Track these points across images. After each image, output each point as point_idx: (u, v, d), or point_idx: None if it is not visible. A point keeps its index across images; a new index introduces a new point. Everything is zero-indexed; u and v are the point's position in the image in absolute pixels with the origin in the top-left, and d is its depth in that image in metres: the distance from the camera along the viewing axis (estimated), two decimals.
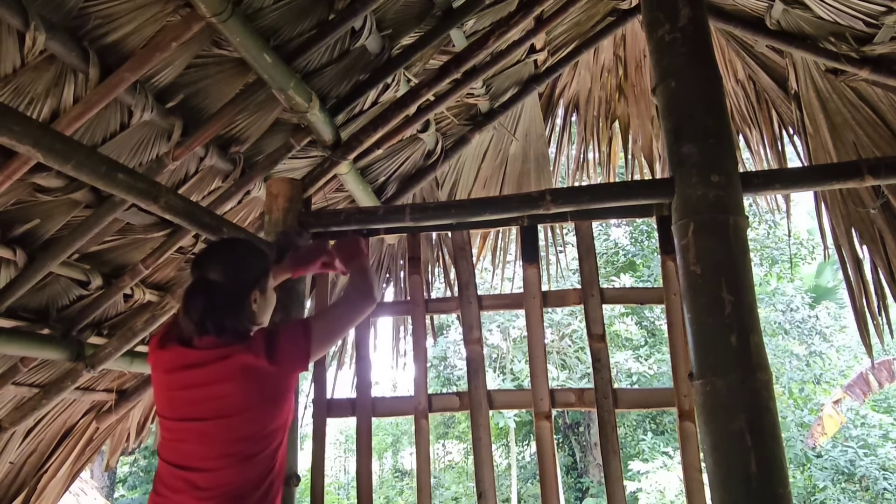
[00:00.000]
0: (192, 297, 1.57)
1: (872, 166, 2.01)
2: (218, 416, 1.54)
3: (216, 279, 1.60)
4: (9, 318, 2.38)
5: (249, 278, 1.65)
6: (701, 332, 1.84)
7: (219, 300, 1.58)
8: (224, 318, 1.58)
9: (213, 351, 1.55)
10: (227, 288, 1.60)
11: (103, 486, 11.27)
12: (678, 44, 2.05)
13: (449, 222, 2.31)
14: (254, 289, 1.65)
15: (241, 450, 1.54)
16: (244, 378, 1.54)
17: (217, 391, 1.54)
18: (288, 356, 1.59)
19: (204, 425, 1.54)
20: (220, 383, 1.54)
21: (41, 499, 3.21)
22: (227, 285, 1.60)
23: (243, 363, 1.54)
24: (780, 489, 1.67)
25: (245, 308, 1.63)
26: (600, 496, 12.96)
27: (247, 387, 1.54)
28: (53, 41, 1.68)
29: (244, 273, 1.65)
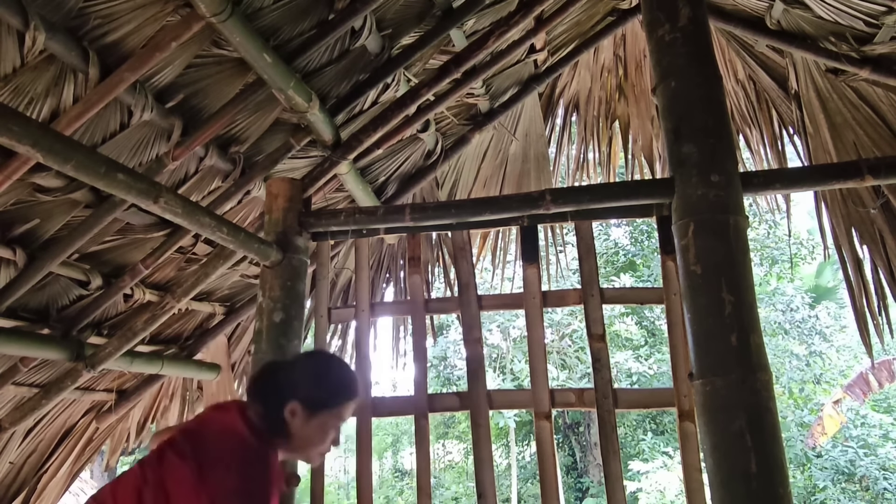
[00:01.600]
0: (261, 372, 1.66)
1: (872, 166, 2.01)
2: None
3: (277, 367, 1.67)
4: (9, 318, 2.38)
5: (294, 382, 1.60)
6: (701, 332, 1.84)
7: (261, 385, 1.62)
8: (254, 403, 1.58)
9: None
10: (272, 381, 1.62)
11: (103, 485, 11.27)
12: (678, 44, 2.05)
13: (449, 222, 2.31)
14: (292, 397, 1.56)
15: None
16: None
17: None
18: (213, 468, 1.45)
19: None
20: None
21: (41, 499, 3.21)
22: (277, 379, 1.63)
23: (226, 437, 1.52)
24: (780, 489, 1.67)
25: (275, 415, 1.56)
26: (600, 496, 12.96)
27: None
28: (53, 41, 1.68)
29: (295, 378, 1.61)
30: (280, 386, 1.59)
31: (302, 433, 1.58)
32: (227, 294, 3.39)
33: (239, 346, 3.76)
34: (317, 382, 1.61)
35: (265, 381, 1.64)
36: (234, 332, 3.68)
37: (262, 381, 1.64)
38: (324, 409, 1.59)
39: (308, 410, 1.57)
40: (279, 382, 1.60)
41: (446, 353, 14.13)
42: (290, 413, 1.55)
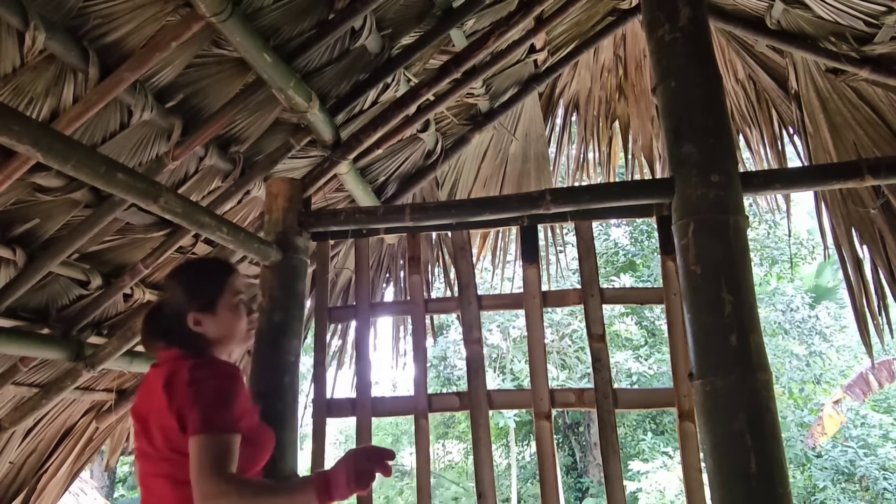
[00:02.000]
0: (147, 315, 1.69)
1: (872, 166, 2.01)
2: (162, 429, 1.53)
3: (160, 302, 1.71)
4: (9, 318, 2.37)
5: (180, 302, 1.62)
6: (701, 332, 1.84)
7: (155, 321, 1.66)
8: (159, 335, 1.64)
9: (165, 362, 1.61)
10: (162, 307, 1.67)
11: (103, 486, 11.27)
12: (678, 44, 2.05)
13: (449, 222, 2.31)
14: (188, 312, 1.60)
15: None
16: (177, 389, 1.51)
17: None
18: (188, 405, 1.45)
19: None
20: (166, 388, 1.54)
21: (41, 499, 3.21)
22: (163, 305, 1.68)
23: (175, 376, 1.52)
24: (780, 489, 1.67)
25: (185, 331, 1.60)
26: (600, 496, 12.95)
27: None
28: (53, 41, 1.68)
29: (176, 296, 1.65)
30: (168, 315, 1.63)
31: (219, 330, 1.63)
32: None
33: None
34: (191, 286, 1.65)
35: (154, 322, 1.67)
36: None
37: (150, 325, 1.67)
38: (216, 299, 1.64)
39: (206, 310, 1.62)
40: (165, 314, 1.65)
41: (446, 353, 14.13)
42: (195, 323, 1.60)
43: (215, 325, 1.63)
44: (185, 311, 1.61)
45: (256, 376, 2.12)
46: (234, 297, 1.67)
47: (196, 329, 1.61)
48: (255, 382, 2.11)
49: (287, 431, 2.07)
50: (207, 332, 1.62)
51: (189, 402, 1.44)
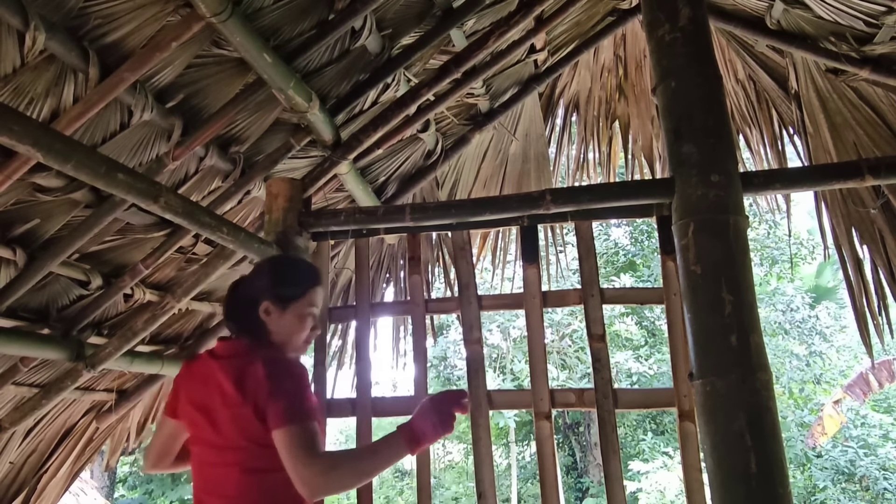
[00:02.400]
0: (231, 289, 1.74)
1: (872, 166, 2.01)
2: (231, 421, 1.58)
3: (241, 280, 1.75)
4: (9, 318, 2.37)
5: (260, 288, 1.67)
6: (701, 332, 1.84)
7: (233, 296, 1.71)
8: (231, 314, 1.69)
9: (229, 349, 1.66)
10: (242, 288, 1.72)
11: (103, 486, 11.27)
12: (678, 44, 2.05)
13: (449, 222, 2.31)
14: (264, 299, 1.64)
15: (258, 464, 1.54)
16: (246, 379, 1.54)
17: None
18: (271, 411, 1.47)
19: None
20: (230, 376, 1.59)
21: (41, 499, 3.21)
22: (242, 287, 1.72)
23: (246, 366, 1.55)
24: (780, 489, 1.67)
25: (253, 314, 1.65)
26: (600, 496, 12.96)
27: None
28: (53, 41, 1.68)
29: (259, 280, 1.69)
30: (247, 295, 1.67)
31: (281, 328, 1.65)
32: None
33: None
34: (280, 278, 1.70)
35: (232, 299, 1.71)
36: None
37: (230, 301, 1.71)
38: (293, 300, 1.67)
39: (280, 305, 1.65)
40: (245, 292, 1.68)
41: (446, 353, 14.13)
42: (265, 312, 1.64)
43: (280, 321, 1.66)
44: (261, 295, 1.65)
45: None
46: (307, 307, 1.69)
47: (263, 317, 1.64)
48: None
49: None
50: (270, 325, 1.65)
51: (269, 394, 1.47)
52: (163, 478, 13.80)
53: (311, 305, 1.70)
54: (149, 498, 13.57)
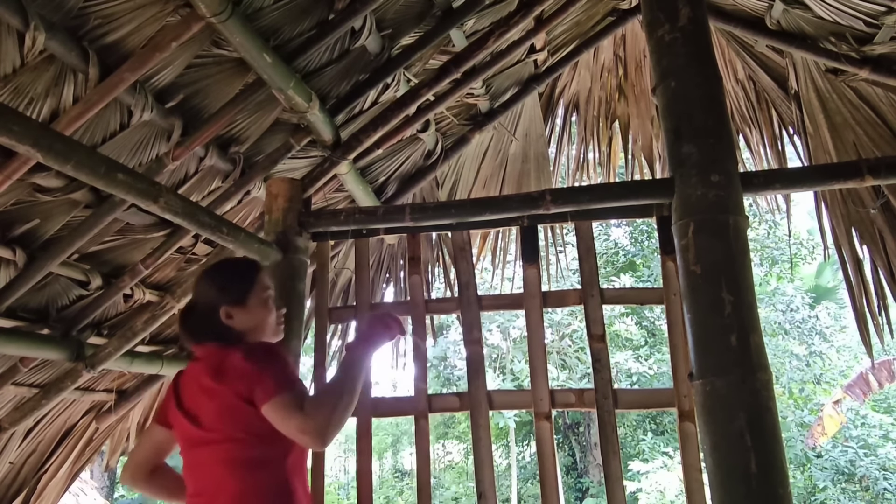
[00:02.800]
0: (180, 314, 1.75)
1: (872, 166, 2.01)
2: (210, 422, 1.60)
3: (191, 301, 1.76)
4: (9, 318, 2.37)
5: (211, 298, 1.69)
6: (701, 332, 1.84)
7: (189, 316, 1.72)
8: (198, 334, 1.69)
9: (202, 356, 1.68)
10: (195, 307, 1.72)
11: (103, 486, 11.27)
12: (678, 44, 2.05)
13: (449, 222, 2.31)
14: (220, 306, 1.66)
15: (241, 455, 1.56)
16: (232, 377, 1.57)
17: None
18: (244, 371, 1.52)
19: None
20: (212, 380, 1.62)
21: (41, 499, 3.21)
22: (195, 304, 1.73)
23: (223, 361, 1.59)
24: (780, 489, 1.67)
25: (218, 324, 1.66)
26: (600, 496, 12.96)
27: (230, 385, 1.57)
28: (53, 41, 1.68)
29: (207, 293, 1.71)
30: (202, 313, 1.69)
31: (250, 322, 1.68)
32: None
33: None
34: (224, 282, 1.72)
35: (188, 319, 1.72)
36: None
37: (186, 322, 1.72)
38: (247, 293, 1.70)
39: (237, 304, 1.67)
40: (198, 311, 1.71)
41: (446, 353, 14.13)
42: (227, 317, 1.66)
43: (246, 317, 1.68)
44: (217, 305, 1.67)
45: None
46: (263, 292, 1.73)
47: (228, 322, 1.66)
48: None
49: None
50: (238, 325, 1.67)
51: (252, 375, 1.51)
52: None
53: (266, 289, 1.74)
54: (149, 498, 13.55)
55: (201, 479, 1.58)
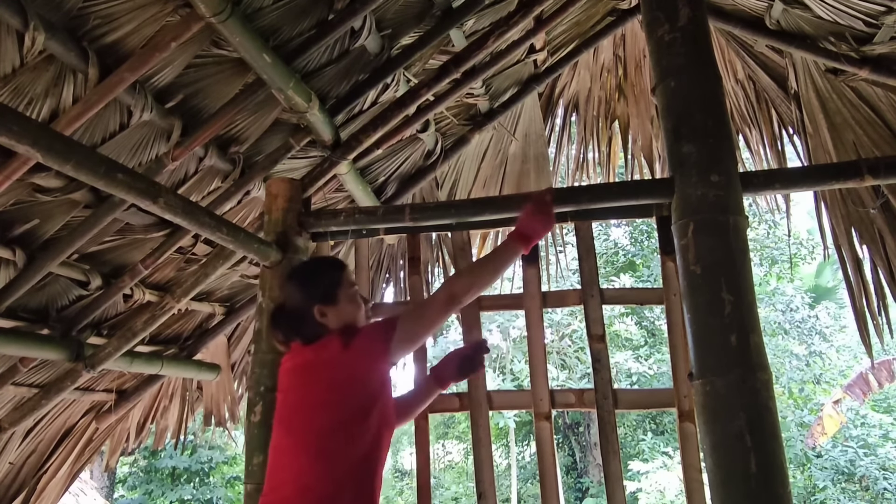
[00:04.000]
0: (271, 316, 1.88)
1: (872, 166, 2.01)
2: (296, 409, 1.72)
3: (281, 303, 1.88)
4: (8, 318, 2.38)
5: (303, 299, 1.78)
6: (701, 332, 1.84)
7: (281, 319, 1.83)
8: (290, 334, 1.79)
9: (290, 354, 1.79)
10: (286, 309, 1.83)
11: (103, 486, 11.26)
12: (678, 44, 2.05)
13: (449, 222, 2.31)
14: (313, 306, 1.75)
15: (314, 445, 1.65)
16: (321, 368, 1.70)
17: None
18: (363, 346, 1.68)
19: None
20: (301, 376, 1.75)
21: (41, 499, 3.21)
22: (286, 307, 1.84)
23: (311, 357, 1.72)
24: (780, 489, 1.67)
25: (312, 324, 1.76)
26: (600, 496, 12.96)
27: (318, 378, 1.70)
28: (53, 41, 1.68)
29: (298, 294, 1.81)
30: (294, 314, 1.79)
31: (342, 318, 1.77)
32: (226, 294, 3.39)
33: (239, 347, 3.76)
34: (314, 281, 1.82)
35: (279, 322, 1.83)
36: (233, 332, 3.68)
37: (277, 324, 1.83)
38: (335, 290, 1.80)
39: (328, 302, 1.77)
40: (288, 313, 1.81)
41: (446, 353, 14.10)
42: (321, 315, 1.75)
43: (338, 314, 1.77)
44: (309, 305, 1.76)
45: (256, 376, 2.12)
46: (350, 289, 1.83)
47: (321, 320, 1.75)
48: (256, 382, 2.11)
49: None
50: (332, 322, 1.76)
51: (364, 336, 1.70)
52: (163, 478, 13.80)
53: (353, 285, 1.86)
54: (149, 498, 13.56)
55: (283, 466, 1.67)
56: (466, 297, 1.77)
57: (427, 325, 1.76)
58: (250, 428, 2.07)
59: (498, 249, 1.85)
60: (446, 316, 1.78)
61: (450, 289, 1.78)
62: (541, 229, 1.86)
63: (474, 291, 1.81)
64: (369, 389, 1.68)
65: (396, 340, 1.69)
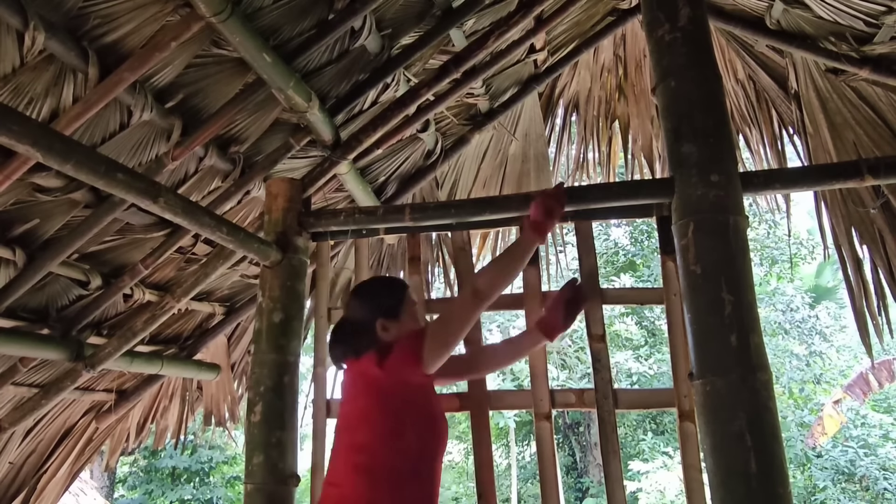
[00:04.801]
0: (332, 331, 1.94)
1: (872, 166, 2.01)
2: (345, 423, 1.79)
3: (343, 317, 1.94)
4: (8, 318, 2.38)
5: (367, 313, 1.84)
6: (701, 332, 1.84)
7: (340, 333, 1.88)
8: (347, 348, 1.83)
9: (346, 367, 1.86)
10: (348, 323, 1.89)
11: (103, 486, 11.27)
12: (678, 44, 2.05)
13: (449, 222, 2.31)
14: (376, 319, 1.81)
15: (358, 461, 1.71)
16: (362, 384, 1.79)
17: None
18: (397, 361, 1.73)
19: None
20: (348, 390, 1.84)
21: (41, 499, 3.21)
22: (348, 321, 1.89)
23: (358, 369, 1.79)
24: (780, 489, 1.67)
25: (370, 337, 1.81)
26: (600, 496, 12.96)
27: (361, 393, 1.79)
28: (53, 41, 1.68)
29: (363, 308, 1.87)
30: (358, 327, 1.84)
31: (401, 332, 1.83)
32: (226, 294, 3.39)
33: (239, 346, 3.76)
34: (381, 297, 1.89)
35: (341, 335, 1.87)
36: (233, 332, 3.68)
37: (342, 342, 1.86)
38: (398, 306, 1.86)
39: (392, 317, 1.83)
40: (352, 326, 1.86)
41: None
42: (383, 329, 1.81)
43: (399, 328, 1.83)
44: (373, 318, 1.82)
45: (256, 376, 2.12)
46: (412, 305, 1.91)
47: (382, 334, 1.81)
48: (256, 382, 2.11)
49: (287, 431, 2.07)
50: (390, 337, 1.81)
51: (397, 351, 1.75)
52: (163, 478, 13.80)
53: (414, 303, 1.94)
54: (149, 498, 13.56)
55: (333, 464, 1.76)
56: (491, 292, 1.81)
57: (457, 327, 1.80)
58: (250, 428, 2.07)
59: (513, 244, 1.92)
60: (474, 314, 1.82)
61: (473, 286, 1.83)
62: (552, 218, 1.92)
63: (498, 285, 1.84)
64: (407, 404, 1.73)
65: (427, 350, 1.73)
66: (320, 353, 2.34)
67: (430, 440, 1.77)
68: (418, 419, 1.74)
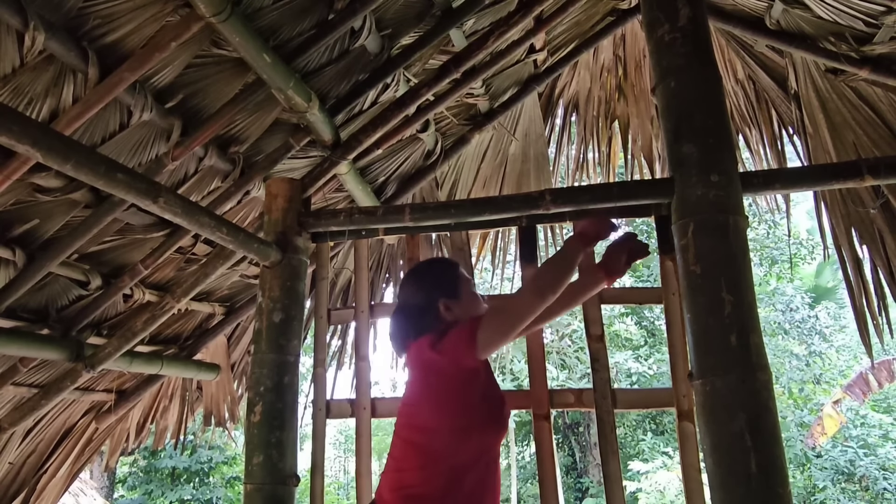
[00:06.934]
0: (392, 319, 1.92)
1: (872, 166, 2.01)
2: (405, 402, 1.81)
3: (400, 301, 1.92)
4: (8, 319, 2.38)
5: (428, 295, 1.83)
6: (701, 332, 1.84)
7: (401, 318, 1.87)
8: (409, 331, 1.82)
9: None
10: (408, 306, 1.87)
11: (103, 486, 11.26)
12: (678, 44, 2.05)
13: (449, 222, 2.31)
14: (438, 300, 1.80)
15: (416, 440, 1.73)
16: (419, 366, 1.78)
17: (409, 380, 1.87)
18: (450, 344, 1.71)
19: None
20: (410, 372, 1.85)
21: (40, 499, 3.21)
22: (408, 304, 1.88)
23: (416, 351, 1.78)
24: (780, 489, 1.67)
25: (434, 318, 1.80)
26: (600, 496, 12.96)
27: (419, 376, 1.79)
28: (52, 41, 1.68)
29: (422, 291, 1.86)
30: (418, 310, 1.83)
31: (463, 312, 1.82)
32: (226, 294, 3.39)
33: (238, 346, 3.76)
34: (438, 278, 1.88)
35: (402, 322, 1.86)
36: (233, 332, 3.68)
37: (403, 325, 1.86)
38: (457, 286, 1.85)
39: (451, 297, 1.82)
40: (412, 311, 1.85)
41: None
42: (446, 309, 1.80)
43: (460, 308, 1.82)
44: (434, 301, 1.81)
45: (256, 376, 2.12)
46: (468, 284, 1.89)
47: (445, 314, 1.79)
48: (255, 382, 2.11)
49: (287, 431, 2.07)
50: (454, 316, 1.80)
51: (452, 336, 1.73)
52: (162, 478, 13.80)
53: (469, 281, 1.91)
54: (148, 498, 13.56)
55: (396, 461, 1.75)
56: (552, 290, 1.76)
57: (515, 320, 1.74)
58: (250, 428, 2.07)
59: (560, 250, 1.89)
60: (535, 309, 1.76)
61: (536, 282, 1.81)
62: (596, 238, 1.91)
63: (558, 284, 1.80)
64: (460, 391, 1.71)
65: (482, 340, 1.70)
66: (320, 354, 2.34)
67: (490, 429, 1.74)
68: (475, 401, 1.73)
